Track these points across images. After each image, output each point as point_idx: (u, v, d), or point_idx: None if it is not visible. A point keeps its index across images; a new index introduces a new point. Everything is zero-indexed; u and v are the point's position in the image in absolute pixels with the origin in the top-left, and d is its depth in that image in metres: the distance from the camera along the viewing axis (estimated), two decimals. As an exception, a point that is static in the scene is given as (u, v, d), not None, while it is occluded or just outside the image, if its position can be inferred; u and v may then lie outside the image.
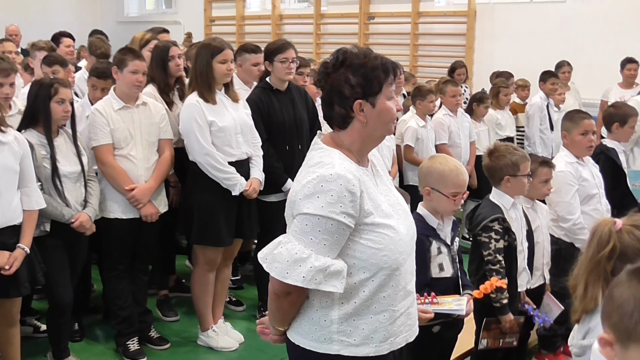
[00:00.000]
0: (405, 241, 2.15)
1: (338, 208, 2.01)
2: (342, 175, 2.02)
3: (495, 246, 3.37)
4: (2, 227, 3.44)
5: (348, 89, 2.11)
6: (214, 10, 12.20)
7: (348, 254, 2.09)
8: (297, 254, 2.03)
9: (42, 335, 4.44)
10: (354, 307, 2.12)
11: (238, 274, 5.47)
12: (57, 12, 12.88)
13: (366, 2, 10.03)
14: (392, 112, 2.14)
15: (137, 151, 4.13)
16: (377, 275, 2.10)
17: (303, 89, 4.94)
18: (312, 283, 2.02)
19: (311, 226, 2.02)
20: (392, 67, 2.14)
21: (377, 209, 2.10)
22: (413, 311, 2.28)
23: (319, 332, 2.15)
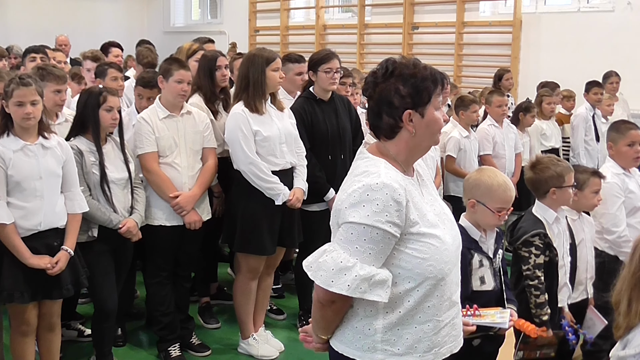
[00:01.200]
0: (450, 251, 2.13)
1: (384, 217, 2.00)
2: (388, 185, 2.02)
3: (535, 261, 3.32)
4: (46, 229, 3.53)
5: (398, 99, 2.11)
6: (258, 21, 12.30)
7: (393, 263, 2.08)
8: (342, 262, 2.03)
9: (86, 340, 4.52)
10: (399, 316, 2.11)
11: (279, 282, 5.48)
12: (105, 22, 13.15)
13: (410, 12, 10.01)
14: (440, 122, 2.15)
15: (181, 159, 4.19)
16: (422, 285, 2.09)
17: (346, 99, 4.94)
18: (356, 292, 2.02)
19: (357, 235, 2.02)
20: (440, 77, 2.14)
21: (422, 218, 2.09)
22: (458, 322, 2.26)
23: (363, 341, 2.15)
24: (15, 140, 3.46)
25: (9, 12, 12.61)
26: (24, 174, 3.44)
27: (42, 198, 3.50)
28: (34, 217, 3.49)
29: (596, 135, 7.00)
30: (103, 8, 13.64)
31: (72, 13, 12.86)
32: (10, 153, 3.42)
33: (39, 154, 3.50)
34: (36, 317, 3.62)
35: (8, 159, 3.41)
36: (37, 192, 3.48)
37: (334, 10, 11.70)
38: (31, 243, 3.48)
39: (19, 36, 10.54)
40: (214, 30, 11.77)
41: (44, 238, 3.53)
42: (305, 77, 4.76)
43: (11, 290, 3.46)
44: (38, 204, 3.49)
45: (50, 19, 12.21)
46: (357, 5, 10.73)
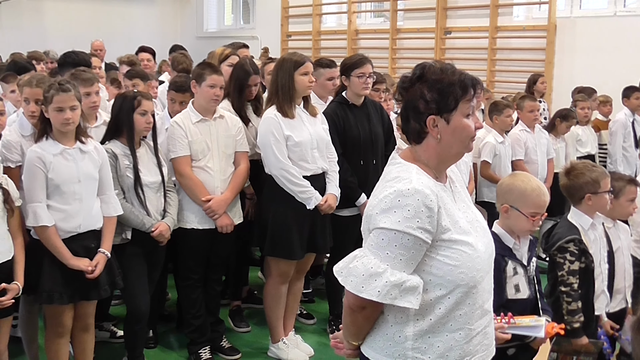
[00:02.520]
0: (483, 259, 2.10)
1: (415, 223, 1.99)
2: (420, 190, 2.00)
3: (569, 268, 3.27)
4: (84, 232, 3.59)
5: (423, 104, 2.10)
6: (290, 26, 12.34)
7: (424, 270, 2.06)
8: (373, 268, 2.01)
9: (118, 341, 4.56)
10: (430, 324, 2.09)
11: (310, 287, 5.48)
12: (139, 27, 13.30)
13: (443, 17, 9.95)
14: (469, 129, 2.10)
15: (213, 163, 4.21)
16: (453, 293, 2.07)
17: (379, 104, 4.93)
18: (387, 298, 2.00)
19: (387, 241, 2.01)
20: (471, 83, 2.10)
21: (454, 225, 2.07)
22: (490, 331, 2.22)
23: (393, 348, 2.13)
24: (54, 145, 3.52)
25: (46, 18, 12.83)
26: (63, 178, 3.50)
27: (81, 201, 3.56)
28: (73, 219, 3.55)
29: (635, 142, 6.88)
30: (137, 13, 13.81)
31: (107, 19, 13.03)
32: (50, 157, 3.48)
33: (77, 157, 3.56)
34: (72, 318, 3.67)
35: (48, 163, 3.47)
36: (76, 195, 3.54)
37: (366, 15, 11.68)
38: (70, 245, 3.54)
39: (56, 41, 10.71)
40: (246, 36, 11.83)
41: (82, 240, 3.59)
42: (337, 82, 4.76)
43: (51, 291, 3.51)
44: (77, 206, 3.55)
45: (86, 24, 12.39)
46: (389, 10, 10.71)
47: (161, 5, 14.40)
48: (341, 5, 11.60)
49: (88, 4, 13.12)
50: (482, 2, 9.46)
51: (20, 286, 3.37)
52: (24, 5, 12.45)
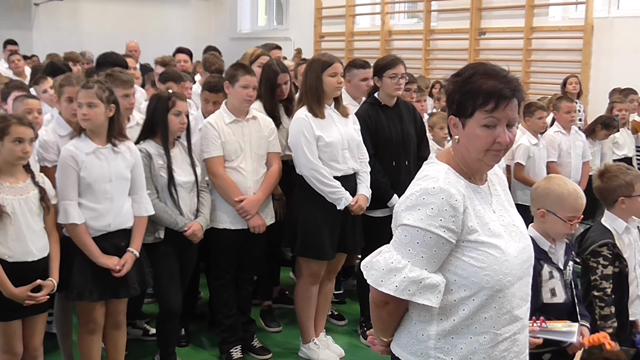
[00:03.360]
0: (513, 263, 2.07)
1: (437, 221, 1.99)
2: (445, 189, 2.00)
3: (602, 272, 3.21)
4: (114, 230, 3.63)
5: (449, 102, 2.11)
6: (323, 27, 12.35)
7: (449, 269, 2.05)
8: (393, 263, 2.03)
9: (150, 339, 4.60)
10: (453, 324, 2.07)
11: (341, 288, 5.47)
12: (174, 29, 13.44)
13: (477, 18, 9.88)
14: (482, 140, 2.03)
15: (246, 164, 4.23)
16: (478, 295, 2.04)
17: (411, 105, 4.91)
18: (404, 293, 2.01)
19: (410, 238, 2.02)
20: (497, 95, 2.00)
21: (483, 227, 2.05)
22: (521, 338, 2.17)
23: (417, 346, 2.13)
24: (87, 143, 3.56)
25: (83, 19, 13.03)
26: (95, 177, 3.54)
27: (112, 200, 3.60)
28: (104, 218, 3.59)
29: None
30: (172, 15, 13.95)
31: (142, 20, 13.19)
32: (83, 155, 3.53)
33: (109, 157, 3.60)
34: (103, 315, 3.71)
35: (81, 161, 3.52)
36: (107, 195, 3.58)
37: (399, 16, 11.65)
38: (100, 243, 3.58)
39: (92, 42, 10.88)
40: (279, 37, 11.88)
41: (112, 238, 3.64)
42: (370, 82, 4.74)
43: (81, 288, 3.56)
44: (108, 206, 3.59)
45: (122, 25, 12.55)
46: (423, 10, 10.67)
47: (195, 6, 14.52)
48: (375, 6, 11.58)
49: (124, 6, 13.29)
50: (518, 3, 9.37)
51: (55, 283, 3.42)
52: (62, 7, 12.66)
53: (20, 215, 3.31)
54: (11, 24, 11.84)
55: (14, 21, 11.96)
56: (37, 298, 3.33)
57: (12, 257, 3.30)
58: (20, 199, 3.33)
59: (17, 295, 3.29)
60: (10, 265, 3.29)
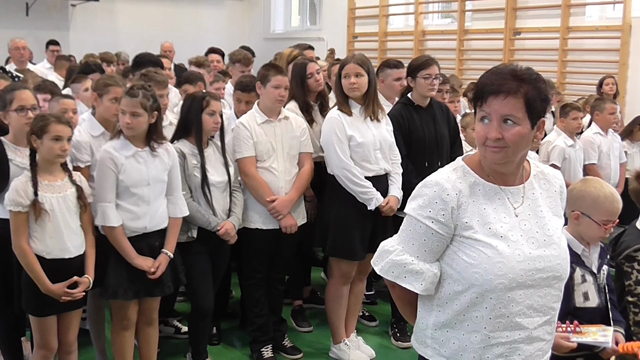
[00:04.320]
0: (510, 267, 2.01)
1: (426, 212, 2.05)
2: (439, 183, 2.07)
3: (637, 277, 3.13)
4: (150, 232, 3.67)
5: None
6: (357, 27, 12.32)
7: (447, 262, 2.10)
8: (386, 246, 2.16)
9: (182, 337, 4.64)
10: (447, 317, 2.11)
11: (372, 289, 5.46)
12: (208, 29, 13.51)
13: (512, 17, 9.77)
14: (477, 133, 2.06)
15: (278, 164, 4.24)
16: (468, 291, 2.05)
17: (445, 106, 4.87)
18: (388, 274, 2.13)
19: (406, 224, 2.13)
20: (482, 91, 2.02)
21: (483, 226, 2.04)
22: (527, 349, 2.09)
23: (419, 333, 2.21)
24: (127, 146, 3.60)
25: (118, 20, 13.19)
26: (133, 180, 3.59)
27: (149, 203, 3.65)
28: (141, 220, 3.64)
29: None
30: (206, 15, 14.04)
31: (176, 21, 13.30)
32: (122, 159, 3.57)
33: (148, 160, 3.64)
34: (136, 312, 3.75)
35: (120, 165, 3.56)
36: (145, 198, 3.63)
37: (433, 16, 11.57)
38: (135, 243, 3.63)
39: (127, 43, 11.00)
40: (312, 37, 11.88)
41: (147, 239, 3.68)
42: (404, 83, 4.72)
43: (116, 287, 3.60)
44: (145, 208, 3.64)
45: (156, 26, 12.67)
46: (457, 10, 10.58)
47: (229, 7, 14.60)
48: (408, 6, 11.51)
49: (158, 7, 13.42)
50: (554, 2, 9.25)
51: (90, 280, 3.47)
52: (98, 8, 12.83)
53: (58, 213, 3.36)
54: (49, 25, 12.03)
55: (51, 22, 12.15)
56: (74, 294, 3.38)
57: (49, 254, 3.35)
58: (59, 197, 3.38)
59: (54, 291, 3.34)
60: (47, 262, 3.34)
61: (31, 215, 3.31)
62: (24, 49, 7.88)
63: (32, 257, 3.31)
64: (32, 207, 3.29)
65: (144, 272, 3.61)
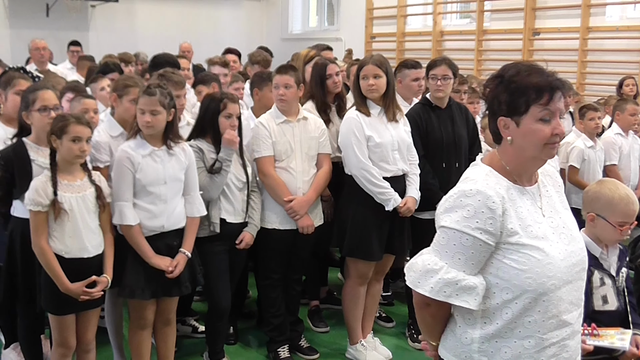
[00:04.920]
0: (557, 266, 2.03)
1: (474, 223, 1.99)
2: (482, 192, 2.00)
3: None
4: (167, 231, 3.68)
5: (496, 105, 2.09)
6: (374, 27, 12.30)
7: (491, 272, 2.04)
8: (430, 265, 2.05)
9: (199, 336, 4.66)
10: (496, 328, 2.05)
11: (389, 290, 5.44)
12: (226, 29, 13.56)
13: (531, 18, 9.71)
14: (540, 134, 2.03)
15: (296, 164, 4.24)
16: (520, 298, 2.02)
17: (464, 107, 4.85)
18: (440, 295, 2.02)
19: (447, 239, 2.03)
20: (549, 87, 2.02)
21: (525, 229, 2.03)
22: (572, 344, 2.13)
23: (461, 349, 2.12)
24: (144, 145, 3.62)
25: (137, 20, 13.26)
26: (150, 179, 3.60)
27: (166, 202, 3.66)
28: (158, 219, 3.65)
29: None
30: (224, 16, 14.09)
31: (194, 21, 13.36)
32: (139, 158, 3.59)
33: (165, 159, 3.66)
34: (154, 312, 3.77)
35: (137, 163, 3.58)
36: (162, 197, 3.64)
37: (451, 16, 11.52)
38: (154, 243, 3.64)
39: (146, 43, 11.07)
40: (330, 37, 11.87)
41: (165, 238, 3.69)
42: (422, 83, 4.72)
43: (133, 286, 3.62)
44: (162, 207, 3.65)
45: (175, 27, 12.74)
46: (475, 11, 10.53)
47: (247, 7, 14.64)
48: (426, 6, 11.48)
49: (177, 7, 13.49)
50: (573, 2, 9.17)
51: (109, 279, 3.49)
52: (117, 9, 12.92)
53: (77, 213, 3.38)
54: (69, 25, 12.13)
55: (71, 23, 12.25)
56: (92, 294, 3.41)
57: (68, 254, 3.38)
58: (78, 197, 3.40)
59: (73, 290, 3.37)
60: (66, 261, 3.37)
61: (50, 215, 3.33)
62: (44, 49, 7.95)
63: (51, 256, 3.34)
64: (51, 206, 3.31)
65: (162, 271, 3.62)
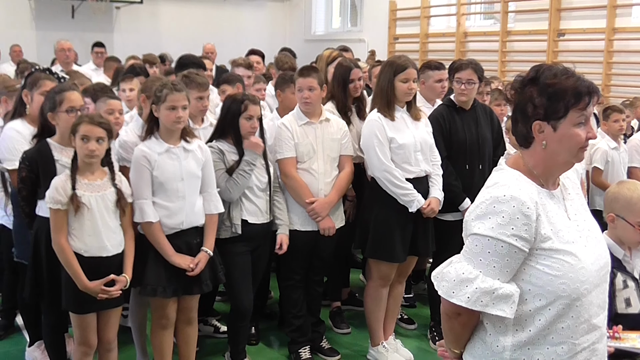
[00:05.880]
0: (589, 270, 2.00)
1: (509, 230, 1.94)
2: (516, 197, 1.96)
3: None
4: (187, 228, 3.70)
5: (531, 108, 2.04)
6: (398, 28, 12.26)
7: (523, 279, 2.00)
8: (464, 274, 2.00)
9: (221, 336, 4.68)
10: (529, 335, 2.02)
11: (411, 291, 5.43)
12: (249, 31, 13.61)
13: (556, 18, 9.62)
14: (577, 138, 2.01)
15: (318, 165, 4.24)
16: (554, 304, 1.99)
17: (489, 108, 4.82)
18: (477, 304, 1.98)
19: (481, 247, 1.98)
20: (587, 91, 2.00)
21: (557, 234, 1.99)
22: (600, 347, 2.11)
23: (491, 357, 2.08)
24: (159, 143, 3.65)
25: (162, 22, 13.36)
26: (167, 176, 3.62)
27: (184, 199, 3.67)
28: (177, 216, 3.66)
29: None
30: (247, 17, 14.14)
31: (218, 22, 13.42)
32: (155, 155, 3.61)
33: (181, 156, 3.67)
34: (175, 311, 3.79)
35: (154, 161, 3.60)
36: (179, 193, 3.66)
37: (475, 17, 11.45)
38: (174, 241, 3.66)
39: (170, 44, 11.16)
40: (353, 38, 11.86)
41: (185, 236, 3.71)
42: (445, 84, 4.69)
43: (155, 285, 3.64)
44: (180, 204, 3.67)
45: (199, 28, 12.82)
46: (499, 11, 10.46)
47: (270, 8, 14.68)
48: (450, 7, 11.42)
49: (201, 9, 13.57)
50: (599, 3, 9.08)
51: (128, 279, 3.51)
52: (141, 10, 13.02)
53: (96, 211, 3.41)
54: (94, 27, 12.26)
55: (96, 24, 12.38)
56: (110, 292, 3.43)
57: (87, 252, 3.41)
58: (97, 196, 3.43)
59: (91, 289, 3.39)
60: (86, 260, 3.40)
61: (70, 212, 3.36)
62: (69, 50, 8.04)
63: (70, 255, 3.37)
64: (70, 203, 3.34)
65: (183, 269, 3.64)
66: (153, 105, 3.66)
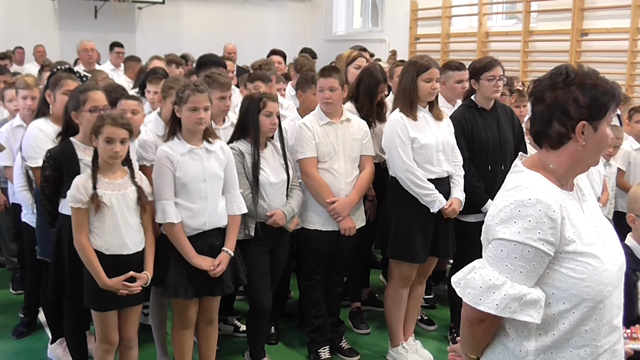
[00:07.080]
0: (611, 272, 1.98)
1: (536, 234, 1.91)
2: (542, 200, 1.92)
3: None
4: (209, 229, 3.71)
5: (575, 108, 1.99)
6: (419, 29, 12.22)
7: (547, 282, 1.97)
8: (491, 280, 1.95)
9: (241, 335, 4.69)
10: (553, 339, 1.99)
11: (431, 293, 5.41)
12: (270, 31, 13.65)
13: (579, 18, 9.54)
14: (608, 140, 2.03)
15: (339, 165, 4.24)
16: (578, 307, 1.96)
17: (509, 108, 4.78)
18: (506, 311, 1.94)
19: (507, 252, 1.94)
20: (618, 92, 2.01)
21: (579, 236, 1.97)
22: (619, 348, 2.09)
23: None
24: (182, 144, 3.66)
25: (183, 22, 13.44)
26: (190, 176, 3.63)
27: (206, 199, 3.68)
28: (199, 217, 3.67)
29: None
30: (269, 17, 14.19)
31: (239, 23, 13.47)
32: (178, 156, 3.62)
33: (203, 157, 3.68)
34: (196, 311, 3.80)
35: (176, 162, 3.61)
36: (202, 194, 3.67)
37: (497, 17, 11.38)
38: (196, 242, 3.67)
39: (192, 45, 11.21)
40: (374, 38, 11.85)
41: (207, 237, 3.72)
42: (466, 85, 4.66)
43: (176, 286, 3.65)
44: (202, 205, 3.67)
45: (220, 28, 12.88)
46: (522, 11, 10.38)
47: (291, 9, 14.71)
48: (472, 7, 11.36)
49: (222, 9, 13.63)
50: (623, 2, 8.98)
51: (149, 276, 3.53)
52: (163, 11, 13.11)
53: (117, 210, 3.43)
54: (116, 27, 12.36)
55: (119, 25, 12.48)
56: (131, 288, 3.45)
57: (108, 250, 3.43)
58: (118, 194, 3.45)
59: (111, 285, 3.41)
60: (106, 257, 3.42)
61: (91, 210, 3.39)
62: (92, 50, 8.10)
63: (90, 252, 3.40)
64: (91, 201, 3.37)
65: (205, 271, 3.65)
66: (175, 106, 3.67)
